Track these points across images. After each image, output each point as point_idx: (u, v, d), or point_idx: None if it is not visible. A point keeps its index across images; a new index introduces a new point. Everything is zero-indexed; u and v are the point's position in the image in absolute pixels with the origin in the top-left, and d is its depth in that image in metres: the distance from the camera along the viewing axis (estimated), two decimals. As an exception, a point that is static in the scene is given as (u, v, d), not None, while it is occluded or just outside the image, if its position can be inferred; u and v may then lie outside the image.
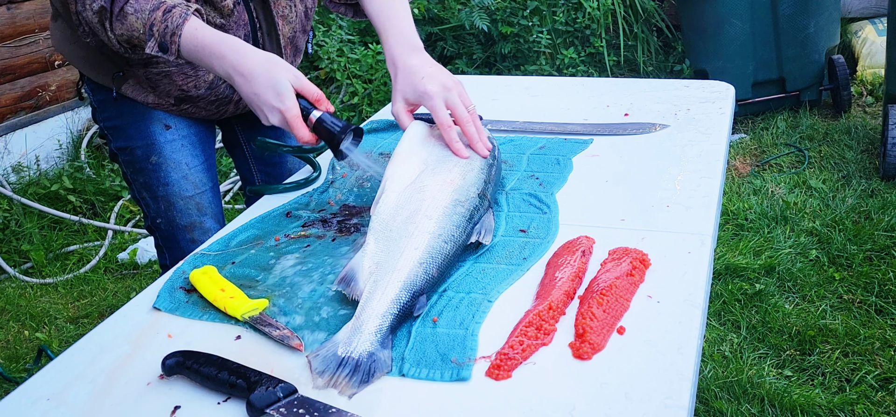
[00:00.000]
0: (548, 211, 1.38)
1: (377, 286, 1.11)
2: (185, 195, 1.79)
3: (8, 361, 2.83)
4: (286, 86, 1.37)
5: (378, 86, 4.21)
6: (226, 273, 1.26)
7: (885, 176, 3.48)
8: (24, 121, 4.20)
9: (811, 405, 2.21)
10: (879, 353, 2.40)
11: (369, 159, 1.48)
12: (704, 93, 1.91)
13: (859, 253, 2.92)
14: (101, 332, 1.16)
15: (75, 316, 3.10)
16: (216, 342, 1.10)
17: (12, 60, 4.09)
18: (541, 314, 1.06)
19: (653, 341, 1.01)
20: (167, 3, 1.46)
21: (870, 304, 2.64)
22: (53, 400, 1.01)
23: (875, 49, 4.47)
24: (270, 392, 0.94)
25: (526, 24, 4.81)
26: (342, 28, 4.29)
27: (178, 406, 0.98)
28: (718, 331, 2.58)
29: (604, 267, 1.17)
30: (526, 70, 4.83)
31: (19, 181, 4.06)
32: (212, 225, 1.82)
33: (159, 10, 1.44)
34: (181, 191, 1.78)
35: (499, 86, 2.16)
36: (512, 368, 0.98)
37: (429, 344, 1.04)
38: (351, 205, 1.48)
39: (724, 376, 2.35)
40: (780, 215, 3.27)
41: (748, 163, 3.89)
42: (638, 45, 4.99)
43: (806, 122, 4.16)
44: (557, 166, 1.56)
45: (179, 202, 1.79)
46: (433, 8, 5.01)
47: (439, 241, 1.20)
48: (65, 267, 3.49)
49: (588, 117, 1.82)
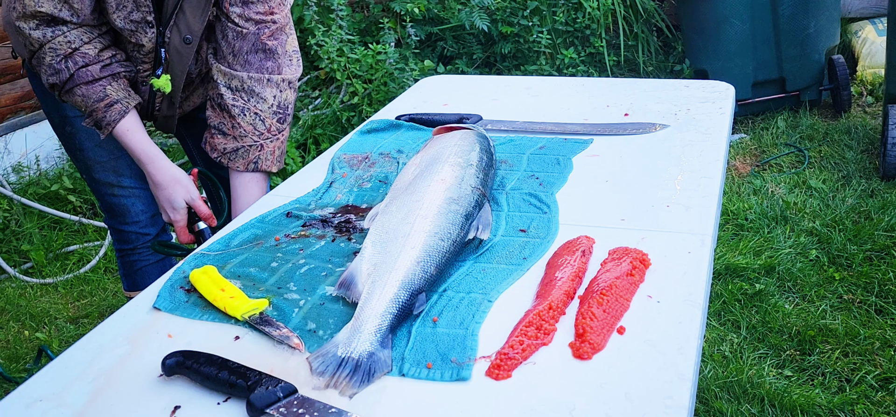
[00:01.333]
0: (548, 211, 1.38)
1: (376, 286, 1.11)
2: (100, 160, 1.95)
3: (8, 361, 2.83)
4: (180, 204, 1.78)
5: (378, 86, 4.21)
6: (226, 273, 1.26)
7: (885, 176, 3.48)
8: (24, 121, 4.20)
9: (811, 405, 2.21)
10: (879, 353, 2.40)
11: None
12: (704, 93, 1.91)
13: (859, 253, 2.92)
14: (100, 332, 1.16)
15: (75, 316, 3.10)
16: (216, 342, 1.10)
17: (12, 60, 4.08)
18: (541, 314, 1.06)
19: (653, 341, 1.01)
20: (110, 96, 1.69)
21: (870, 304, 2.64)
22: (53, 400, 1.01)
23: (875, 49, 4.46)
24: (270, 392, 0.94)
25: (526, 24, 4.81)
26: (342, 28, 4.29)
27: (179, 406, 0.98)
28: (718, 331, 2.58)
29: (604, 267, 1.17)
30: (526, 70, 4.83)
31: (19, 181, 4.06)
32: (130, 183, 1.99)
33: (102, 102, 1.70)
34: (97, 157, 1.95)
35: (499, 86, 2.16)
36: (512, 368, 0.98)
37: (429, 343, 1.04)
38: (351, 205, 1.48)
39: (724, 376, 2.35)
40: (780, 215, 3.27)
41: (748, 163, 3.89)
42: (638, 45, 4.99)
43: (806, 122, 4.16)
44: (557, 166, 1.56)
45: (96, 166, 1.97)
46: (433, 8, 5.00)
47: (436, 239, 1.20)
48: (65, 267, 3.49)
49: (588, 117, 1.82)
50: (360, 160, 1.68)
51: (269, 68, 1.78)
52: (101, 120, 1.70)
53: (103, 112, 1.69)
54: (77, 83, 1.67)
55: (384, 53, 4.22)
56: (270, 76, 1.78)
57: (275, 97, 1.79)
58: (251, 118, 1.78)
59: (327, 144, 4.08)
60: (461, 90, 2.14)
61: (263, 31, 1.76)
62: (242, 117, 1.77)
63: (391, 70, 4.22)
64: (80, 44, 1.67)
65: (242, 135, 1.78)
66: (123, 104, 1.71)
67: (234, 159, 1.80)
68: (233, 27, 1.74)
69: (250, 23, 1.74)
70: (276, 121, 1.81)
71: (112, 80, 1.70)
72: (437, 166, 1.39)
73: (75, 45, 1.66)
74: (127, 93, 1.73)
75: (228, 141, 1.79)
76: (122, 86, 1.72)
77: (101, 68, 1.69)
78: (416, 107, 2.02)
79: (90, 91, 1.68)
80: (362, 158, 1.69)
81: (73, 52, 1.66)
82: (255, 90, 1.77)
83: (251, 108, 1.77)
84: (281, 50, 1.80)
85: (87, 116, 1.72)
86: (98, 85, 1.69)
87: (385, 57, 4.22)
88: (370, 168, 1.64)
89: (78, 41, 1.66)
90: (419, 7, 4.69)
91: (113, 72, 1.71)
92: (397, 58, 4.32)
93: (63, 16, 1.63)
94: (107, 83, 1.69)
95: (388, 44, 4.32)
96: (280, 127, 1.82)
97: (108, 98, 1.69)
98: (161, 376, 1.03)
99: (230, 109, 1.78)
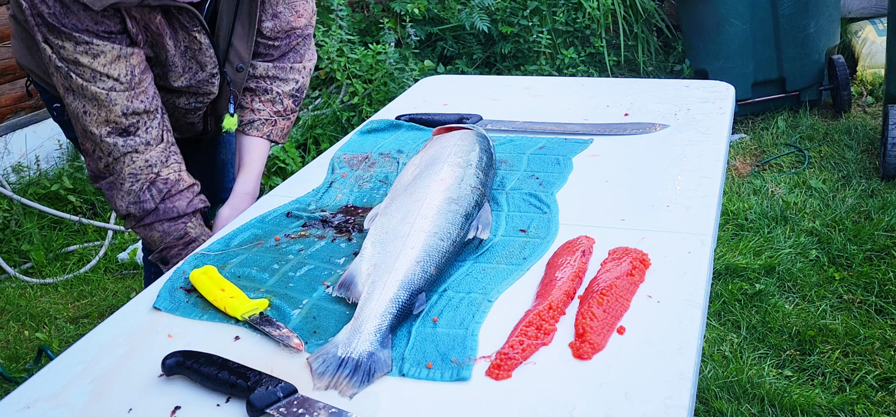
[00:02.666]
0: (548, 211, 1.38)
1: (375, 286, 1.11)
2: None
3: (8, 361, 2.83)
4: None
5: (378, 86, 4.21)
6: (226, 273, 1.26)
7: (885, 176, 3.48)
8: (24, 121, 4.20)
9: (811, 405, 2.21)
10: (879, 353, 2.40)
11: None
12: (704, 93, 1.91)
13: (859, 253, 2.92)
14: (100, 332, 1.16)
15: (75, 316, 3.10)
16: (216, 342, 1.10)
17: (12, 60, 4.09)
18: (541, 314, 1.06)
19: (653, 341, 1.01)
20: (190, 235, 1.56)
21: (870, 304, 2.64)
22: (53, 400, 1.01)
23: (875, 49, 4.46)
24: (270, 392, 0.94)
25: (526, 24, 4.81)
26: (342, 28, 4.29)
27: (179, 406, 0.98)
28: (718, 331, 2.58)
29: (604, 267, 1.17)
30: (526, 70, 4.83)
31: (19, 181, 4.06)
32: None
33: (182, 240, 1.57)
34: None
35: (499, 86, 2.15)
36: (512, 368, 0.98)
37: (429, 343, 1.04)
38: (351, 206, 1.48)
39: (724, 376, 2.35)
40: (780, 215, 3.27)
41: (748, 163, 3.89)
42: (638, 45, 4.99)
43: (806, 122, 4.16)
44: (557, 166, 1.56)
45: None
46: (433, 8, 5.00)
47: (435, 239, 1.20)
48: (65, 267, 3.49)
49: (588, 117, 1.82)
50: (360, 160, 1.68)
51: (291, 58, 1.83)
52: (171, 256, 1.58)
53: (180, 250, 1.57)
54: (161, 218, 1.56)
55: (384, 53, 4.22)
56: (293, 65, 1.83)
57: (297, 82, 1.84)
58: (271, 97, 1.81)
59: (327, 144, 4.08)
60: (461, 90, 2.14)
61: (294, 38, 1.80)
62: (265, 95, 1.81)
63: (391, 70, 4.22)
64: (159, 164, 1.54)
65: (259, 110, 1.81)
66: (199, 242, 1.57)
67: (249, 129, 1.82)
68: (264, 41, 1.77)
69: (281, 34, 1.77)
70: (292, 103, 1.85)
71: (193, 217, 1.60)
72: (437, 166, 1.39)
73: (156, 168, 1.54)
74: (202, 228, 1.62)
75: (245, 113, 1.81)
76: (199, 221, 1.62)
77: (188, 204, 1.59)
78: (416, 107, 2.02)
79: (173, 228, 1.57)
80: (362, 158, 1.69)
81: (156, 177, 1.55)
82: (278, 76, 1.81)
83: (273, 90, 1.81)
84: (306, 44, 1.85)
85: (157, 253, 1.59)
86: (181, 222, 1.57)
87: (385, 57, 4.22)
88: (370, 168, 1.64)
89: (156, 160, 1.54)
90: (419, 7, 4.69)
91: (195, 209, 1.60)
92: (397, 58, 4.32)
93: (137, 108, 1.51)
94: (188, 220, 1.59)
95: (388, 44, 4.32)
96: (294, 107, 1.86)
97: (188, 236, 1.58)
98: (161, 376, 1.03)
99: (253, 90, 1.81)
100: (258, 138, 1.81)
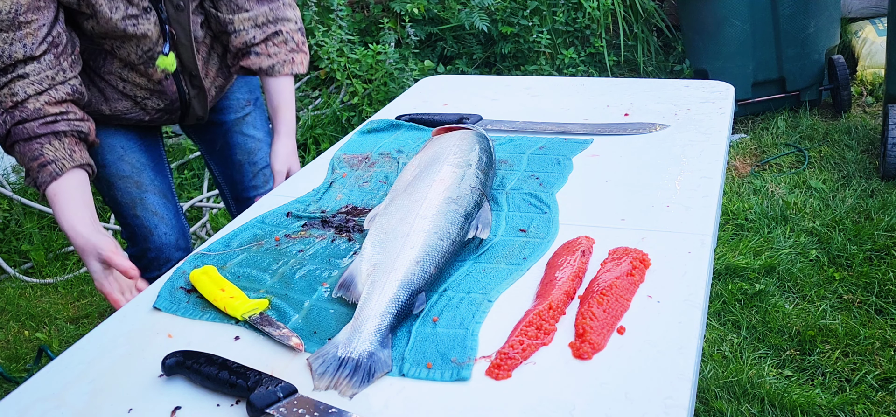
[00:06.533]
0: (548, 211, 1.38)
1: (375, 286, 1.11)
2: (123, 174, 1.91)
3: (8, 361, 2.83)
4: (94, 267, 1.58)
5: (378, 86, 4.21)
6: (226, 273, 1.26)
7: (885, 176, 3.48)
8: (24, 121, 4.20)
9: (811, 405, 2.21)
10: (879, 353, 2.40)
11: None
12: (704, 93, 1.91)
13: (859, 253, 2.92)
14: (100, 332, 1.16)
15: (75, 316, 3.10)
16: (216, 342, 1.10)
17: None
18: (541, 314, 1.06)
19: (653, 341, 1.01)
20: (46, 156, 1.56)
21: (870, 304, 2.64)
22: (53, 400, 1.01)
23: (875, 49, 4.46)
24: (270, 392, 0.94)
25: (526, 24, 4.80)
26: (342, 28, 4.29)
27: (179, 406, 0.98)
28: (718, 331, 2.58)
29: (604, 267, 1.17)
30: (526, 70, 4.83)
31: (19, 181, 4.06)
32: (154, 200, 1.94)
33: (36, 161, 1.56)
34: (118, 172, 1.90)
35: (499, 86, 2.16)
36: (512, 368, 0.98)
37: (429, 343, 1.04)
38: (351, 206, 1.48)
39: (724, 376, 2.35)
40: (780, 215, 3.27)
41: (748, 163, 3.89)
42: (638, 45, 4.99)
43: (806, 122, 4.16)
44: (557, 166, 1.56)
45: (118, 181, 1.91)
46: (433, 8, 5.00)
47: (435, 239, 1.20)
48: (65, 267, 3.49)
49: (588, 117, 1.82)
50: (360, 160, 1.68)
51: None
52: (35, 179, 1.57)
53: (36, 171, 1.55)
54: (15, 139, 1.55)
55: (384, 53, 4.22)
56: (284, 1, 1.88)
57: (296, 17, 1.90)
58: (283, 38, 1.87)
59: (327, 144, 4.08)
60: (461, 90, 2.14)
61: None
62: (276, 37, 1.86)
63: (391, 70, 4.22)
64: (24, 96, 1.54)
65: (276, 54, 1.87)
66: (57, 165, 1.55)
67: (271, 73, 1.88)
68: None
69: None
70: (300, 36, 1.91)
71: (53, 139, 1.56)
72: (437, 166, 1.39)
73: (19, 97, 1.53)
74: (68, 153, 1.57)
75: (263, 59, 1.87)
76: (63, 146, 1.57)
77: (41, 125, 1.55)
78: (416, 107, 2.02)
79: (26, 149, 1.55)
80: (362, 158, 1.69)
81: (16, 104, 1.54)
82: (279, 16, 1.86)
83: (282, 31, 1.86)
84: None
85: (25, 175, 1.60)
86: (35, 143, 1.55)
87: (385, 57, 4.22)
88: (370, 168, 1.64)
89: (22, 93, 1.53)
90: (419, 7, 4.69)
91: (55, 131, 1.56)
92: (397, 58, 4.32)
93: (15, 53, 1.52)
94: (46, 141, 1.55)
95: (388, 44, 4.32)
96: (303, 39, 1.92)
97: (43, 157, 1.55)
98: (161, 376, 1.03)
99: (264, 40, 1.86)
100: (285, 77, 1.88)
